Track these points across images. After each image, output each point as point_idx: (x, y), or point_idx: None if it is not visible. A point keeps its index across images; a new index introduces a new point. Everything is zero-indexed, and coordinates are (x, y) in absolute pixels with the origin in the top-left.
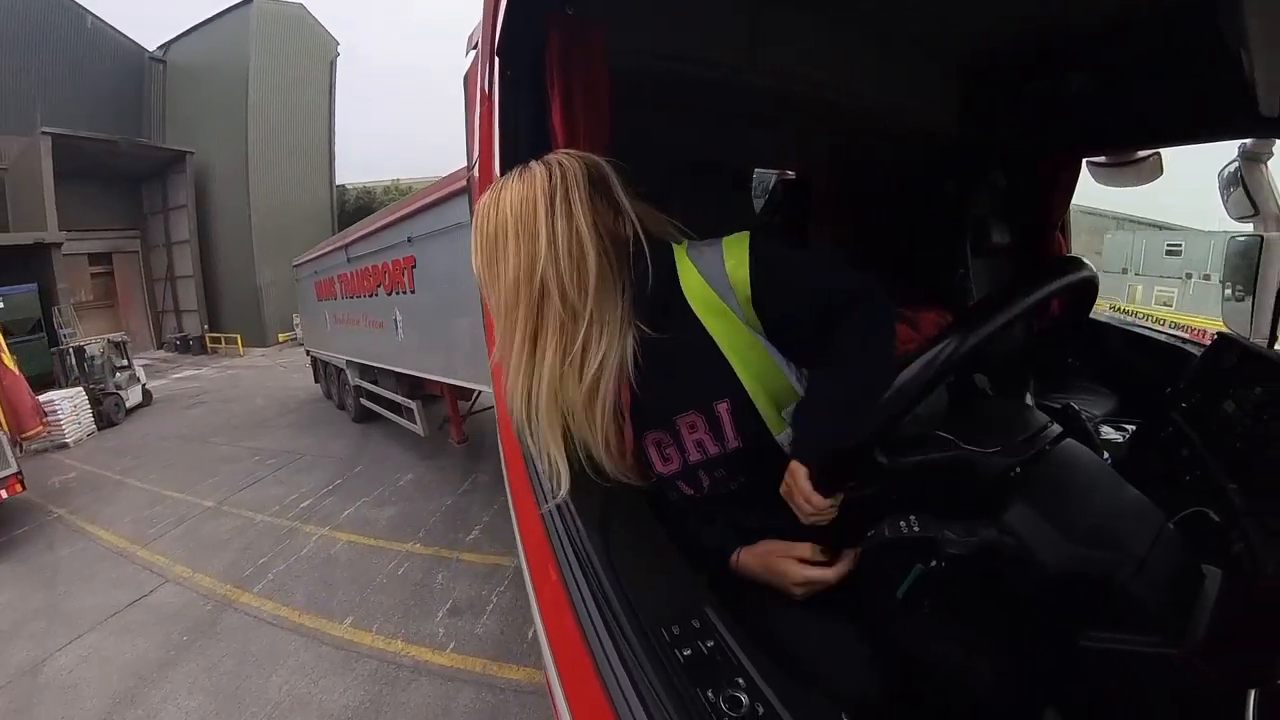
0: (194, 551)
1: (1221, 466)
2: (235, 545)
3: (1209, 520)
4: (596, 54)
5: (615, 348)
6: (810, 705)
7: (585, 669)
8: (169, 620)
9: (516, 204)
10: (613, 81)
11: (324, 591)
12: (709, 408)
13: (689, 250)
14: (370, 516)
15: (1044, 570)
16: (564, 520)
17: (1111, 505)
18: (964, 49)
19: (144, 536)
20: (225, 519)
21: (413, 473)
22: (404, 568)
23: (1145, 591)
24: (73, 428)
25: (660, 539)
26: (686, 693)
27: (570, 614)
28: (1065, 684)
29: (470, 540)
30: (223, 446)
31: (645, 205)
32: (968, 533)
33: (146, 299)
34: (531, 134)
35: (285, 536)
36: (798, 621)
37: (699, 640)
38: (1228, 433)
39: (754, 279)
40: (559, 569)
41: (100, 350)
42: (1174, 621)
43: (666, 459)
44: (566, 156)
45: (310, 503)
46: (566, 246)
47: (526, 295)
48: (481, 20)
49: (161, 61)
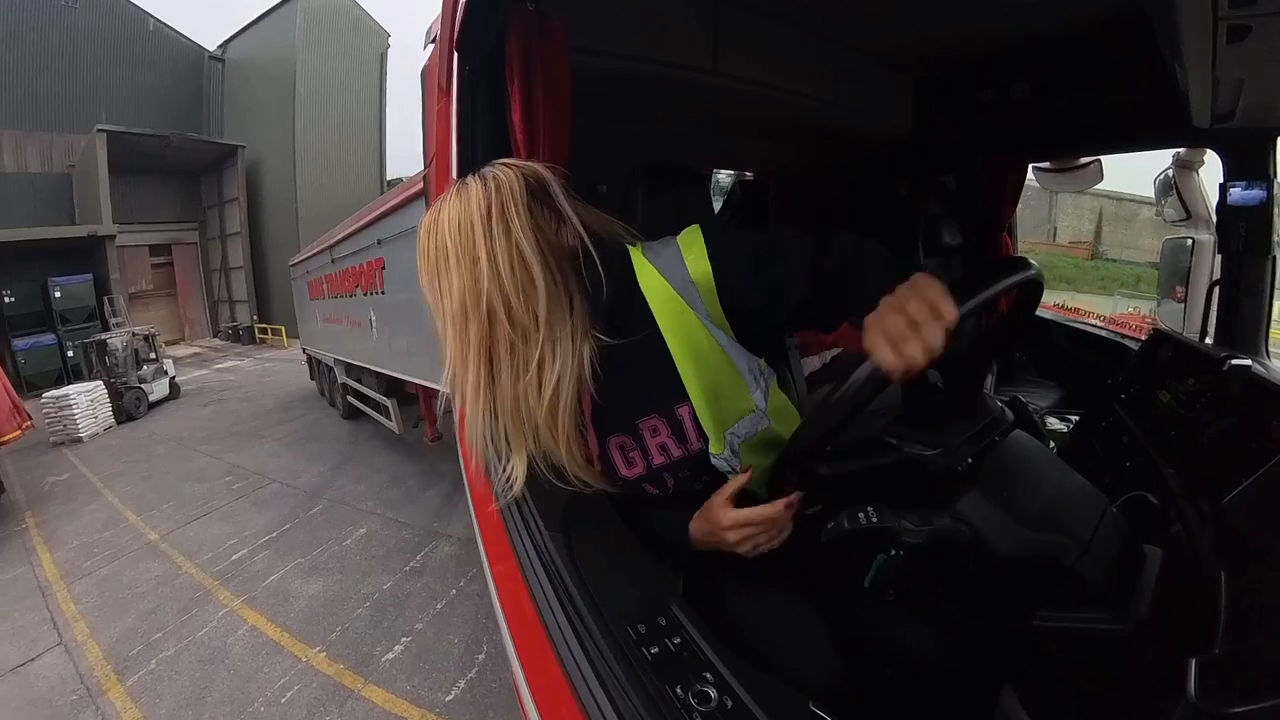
0: (104, 604)
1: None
2: (144, 605)
3: (1148, 503)
4: (558, 51)
5: (571, 362)
6: (777, 695)
7: (552, 671)
8: (28, 707)
9: (454, 226)
10: (574, 79)
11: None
12: (670, 411)
13: (645, 251)
14: (294, 590)
15: (997, 555)
16: (525, 522)
17: (1058, 491)
18: (916, 57)
19: (76, 571)
20: (155, 562)
21: (367, 526)
22: (290, 693)
23: (1092, 572)
24: (88, 422)
25: (622, 538)
26: (655, 690)
27: (535, 616)
28: (1020, 662)
29: (386, 664)
30: (205, 459)
31: (591, 209)
32: (923, 522)
33: (204, 289)
34: (490, 132)
35: (195, 604)
36: (763, 612)
37: (665, 637)
38: (1164, 421)
39: (714, 267)
40: (522, 571)
41: (124, 343)
42: (1119, 599)
43: (630, 463)
44: (504, 169)
45: (243, 555)
46: (509, 266)
47: (475, 319)
48: (441, 13)
49: (220, 60)
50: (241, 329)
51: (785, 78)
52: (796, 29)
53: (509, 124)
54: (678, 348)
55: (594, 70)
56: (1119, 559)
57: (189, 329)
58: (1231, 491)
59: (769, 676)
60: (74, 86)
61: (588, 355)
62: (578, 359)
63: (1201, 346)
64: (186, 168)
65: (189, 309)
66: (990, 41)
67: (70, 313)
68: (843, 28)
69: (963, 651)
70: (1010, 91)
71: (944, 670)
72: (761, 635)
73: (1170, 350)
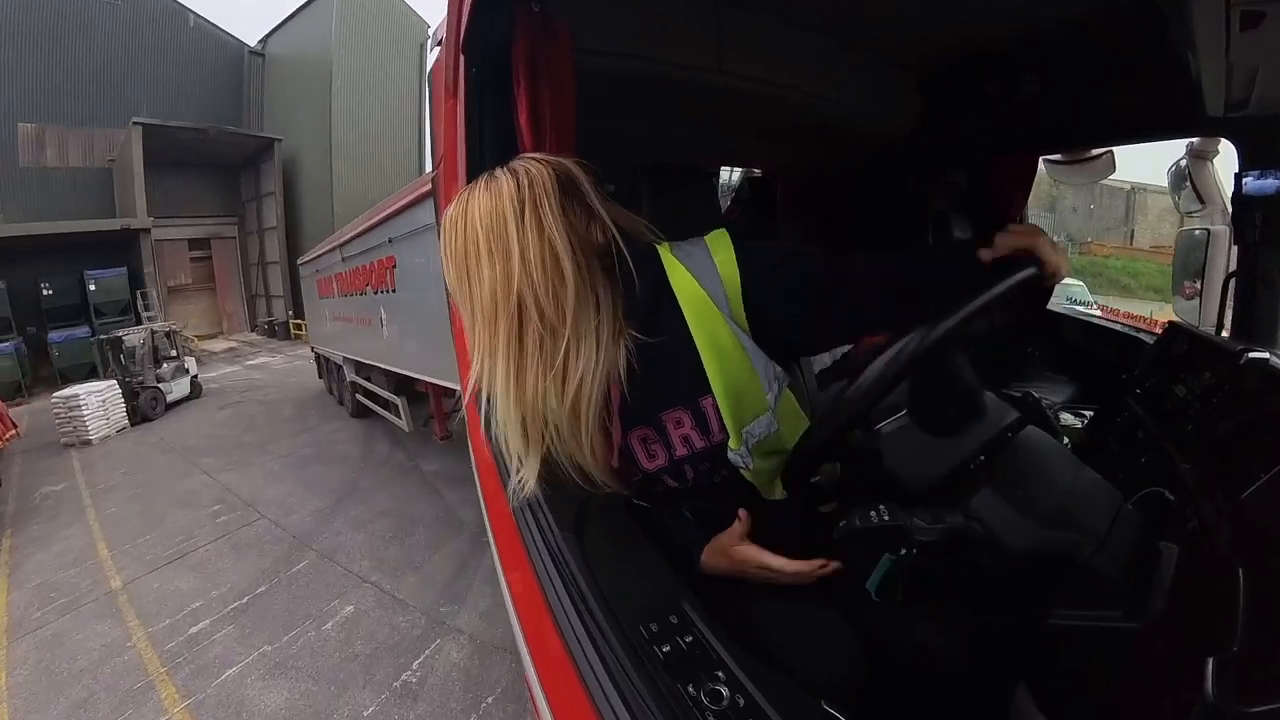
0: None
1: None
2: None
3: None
4: (563, 51)
5: (597, 360)
6: (789, 695)
7: (566, 670)
8: None
9: (485, 217)
10: (579, 80)
11: None
12: (695, 402)
13: (674, 251)
14: (249, 701)
15: (1010, 552)
16: (538, 523)
17: (1072, 488)
18: (924, 53)
19: (25, 623)
20: (108, 623)
21: (356, 601)
22: None
23: (1107, 569)
24: (98, 424)
25: (634, 537)
26: (668, 689)
27: (548, 616)
28: (1035, 661)
29: None
30: (201, 477)
31: (617, 207)
32: (935, 519)
33: (241, 283)
34: (497, 133)
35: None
36: (775, 611)
37: (677, 636)
38: (1180, 416)
39: (743, 275)
40: (534, 571)
41: (141, 340)
42: (1135, 596)
43: (652, 455)
44: (534, 163)
45: (204, 627)
46: (540, 261)
47: (505, 312)
48: (446, 15)
49: (260, 55)
50: (277, 324)
51: (789, 76)
52: (799, 28)
53: (515, 125)
54: (704, 345)
55: (598, 70)
56: (1135, 556)
57: (227, 323)
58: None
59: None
60: (115, 83)
61: (622, 354)
62: (605, 357)
63: (1218, 340)
64: (225, 162)
65: (227, 303)
66: (995, 38)
67: (105, 306)
68: (846, 26)
69: (975, 650)
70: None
71: (956, 669)
72: (774, 633)
73: (1186, 344)
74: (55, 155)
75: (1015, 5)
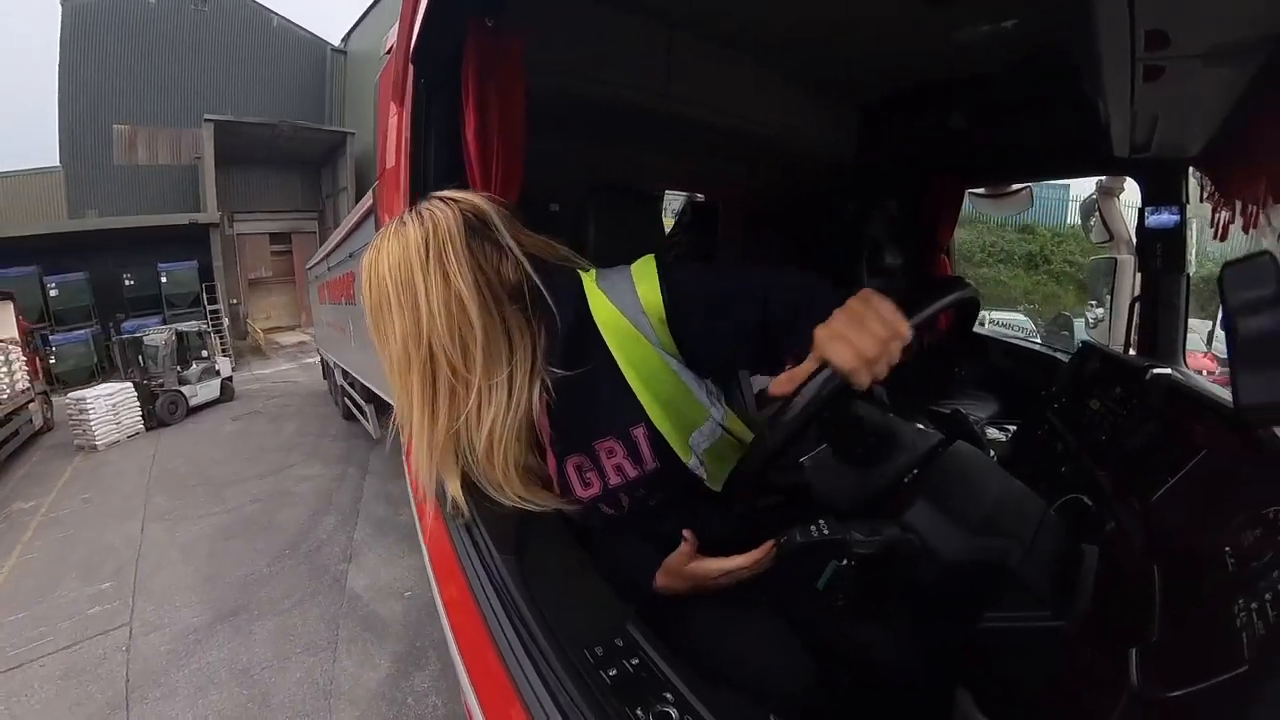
0: None
1: (1091, 458)
2: None
3: (1084, 505)
4: (515, 68)
5: (508, 405)
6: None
7: (509, 699)
8: None
9: (394, 269)
10: (529, 98)
11: None
12: (626, 433)
13: (598, 281)
14: None
15: (944, 561)
16: (476, 545)
17: (999, 498)
18: (860, 87)
19: None
20: None
21: None
22: None
23: (1034, 572)
24: (106, 429)
25: (576, 560)
26: (615, 712)
27: (489, 643)
28: (973, 664)
29: None
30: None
31: (537, 236)
32: (873, 532)
33: None
34: (442, 147)
35: None
36: (722, 624)
37: (623, 659)
38: (1095, 428)
39: (666, 300)
40: (472, 594)
41: (164, 340)
42: (1061, 597)
43: (587, 483)
44: (441, 205)
45: None
46: (446, 310)
47: (417, 361)
48: (399, 23)
49: (343, 53)
50: None
51: (736, 103)
52: (748, 56)
53: (463, 140)
54: (632, 373)
55: (549, 90)
56: (1059, 559)
57: (305, 316)
58: (1159, 490)
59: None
60: (202, 84)
61: (536, 393)
62: (521, 399)
63: (1126, 357)
64: (305, 158)
65: (306, 296)
66: (929, 76)
67: (176, 297)
68: (791, 58)
69: (916, 656)
70: (947, 121)
71: (901, 675)
72: (725, 646)
73: (1098, 361)
74: (146, 154)
75: (946, 48)
